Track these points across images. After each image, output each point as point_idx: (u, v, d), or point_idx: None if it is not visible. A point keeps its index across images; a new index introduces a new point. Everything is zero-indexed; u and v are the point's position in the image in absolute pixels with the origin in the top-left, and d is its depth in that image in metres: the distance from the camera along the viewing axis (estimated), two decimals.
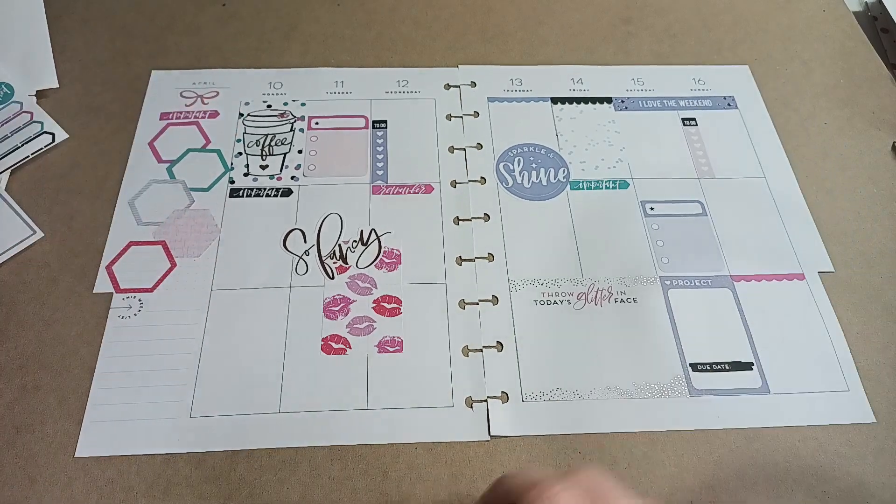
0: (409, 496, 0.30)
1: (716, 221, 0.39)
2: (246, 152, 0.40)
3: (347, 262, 0.36)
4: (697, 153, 0.42)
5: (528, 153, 0.41)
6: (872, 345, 0.35)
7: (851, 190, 0.41)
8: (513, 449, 0.31)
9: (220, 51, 0.45)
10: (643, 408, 0.33)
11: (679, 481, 0.31)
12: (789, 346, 0.35)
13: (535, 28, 0.48)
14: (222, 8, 0.48)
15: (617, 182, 0.40)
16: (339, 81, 0.44)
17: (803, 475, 0.31)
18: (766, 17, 0.50)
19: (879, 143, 0.43)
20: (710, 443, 0.32)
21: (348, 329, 0.34)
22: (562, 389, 0.33)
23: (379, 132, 0.41)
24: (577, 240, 0.38)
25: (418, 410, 0.32)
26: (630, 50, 0.47)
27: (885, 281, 0.37)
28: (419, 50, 0.46)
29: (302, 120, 0.42)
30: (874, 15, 0.51)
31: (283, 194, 0.39)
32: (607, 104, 0.44)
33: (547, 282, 0.36)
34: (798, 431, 0.32)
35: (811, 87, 0.46)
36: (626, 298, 0.36)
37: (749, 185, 0.41)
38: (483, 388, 0.33)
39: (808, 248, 0.38)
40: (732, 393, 0.33)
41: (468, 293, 0.36)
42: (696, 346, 0.34)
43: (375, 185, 0.39)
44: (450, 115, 0.42)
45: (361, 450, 0.31)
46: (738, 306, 0.36)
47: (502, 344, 0.34)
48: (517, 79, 0.44)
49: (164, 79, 0.43)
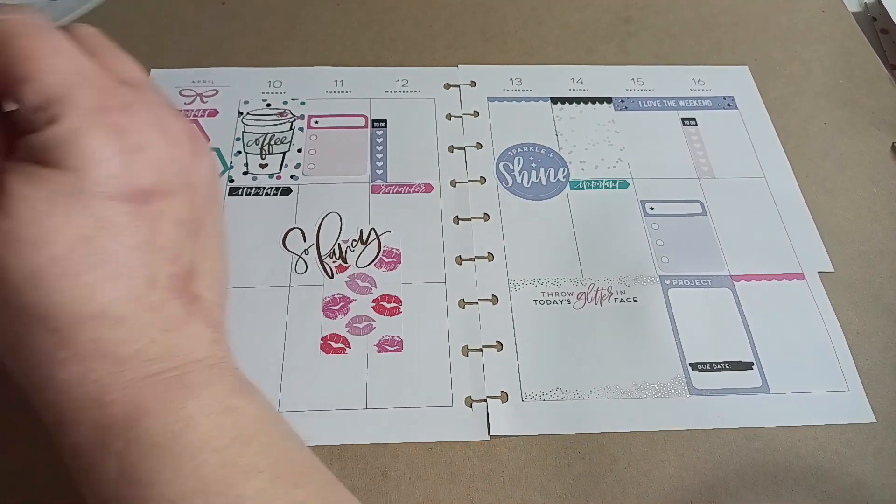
0: (408, 496, 0.30)
1: (716, 221, 0.39)
2: (245, 151, 0.40)
3: (347, 261, 0.36)
4: (697, 153, 0.42)
5: (528, 153, 0.41)
6: (872, 345, 0.35)
7: (851, 190, 0.41)
8: (512, 449, 0.31)
9: (220, 49, 0.45)
10: (643, 407, 0.33)
11: (679, 481, 0.31)
12: (789, 345, 0.35)
13: (535, 28, 0.48)
14: (222, 7, 0.48)
15: (617, 182, 0.40)
16: (338, 80, 0.44)
17: (803, 475, 0.31)
18: (766, 18, 0.50)
19: (879, 143, 0.43)
20: (710, 442, 0.32)
21: (348, 328, 0.34)
22: (561, 389, 0.33)
23: (378, 131, 0.41)
24: (577, 239, 0.38)
25: (418, 410, 0.32)
26: (630, 50, 0.47)
27: (885, 281, 0.37)
28: (419, 49, 0.46)
29: (301, 119, 0.42)
30: (873, 16, 0.51)
31: (282, 193, 0.38)
32: (607, 104, 0.44)
33: (547, 281, 0.36)
34: (798, 431, 0.32)
35: (811, 87, 0.46)
36: (626, 298, 0.36)
37: (749, 185, 0.41)
38: (483, 387, 0.33)
39: (807, 247, 0.38)
40: (732, 392, 0.33)
41: (468, 293, 0.36)
42: (696, 346, 0.34)
43: (375, 184, 0.39)
44: (449, 114, 0.42)
45: (360, 449, 0.31)
46: (738, 306, 0.36)
47: (502, 344, 0.34)
48: (517, 78, 0.44)
49: (163, 77, 0.43)
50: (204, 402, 0.22)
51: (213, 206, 0.25)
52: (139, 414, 0.21)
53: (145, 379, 0.21)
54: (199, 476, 0.20)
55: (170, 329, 0.22)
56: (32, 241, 0.20)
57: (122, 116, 0.21)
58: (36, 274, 0.20)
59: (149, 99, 0.23)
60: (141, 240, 0.22)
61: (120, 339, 0.21)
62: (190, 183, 0.24)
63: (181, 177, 0.23)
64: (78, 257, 0.20)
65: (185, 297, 0.23)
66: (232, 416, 0.22)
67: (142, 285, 0.22)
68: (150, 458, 0.20)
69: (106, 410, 0.21)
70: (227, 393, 0.23)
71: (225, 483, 0.21)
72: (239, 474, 0.21)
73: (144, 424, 0.21)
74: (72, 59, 0.21)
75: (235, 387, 0.23)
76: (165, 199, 0.22)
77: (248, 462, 0.21)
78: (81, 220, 0.20)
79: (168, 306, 0.22)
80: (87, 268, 0.21)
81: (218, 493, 0.20)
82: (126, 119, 0.22)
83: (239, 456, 0.21)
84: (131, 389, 0.21)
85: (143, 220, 0.22)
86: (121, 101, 0.22)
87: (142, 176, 0.22)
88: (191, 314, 0.23)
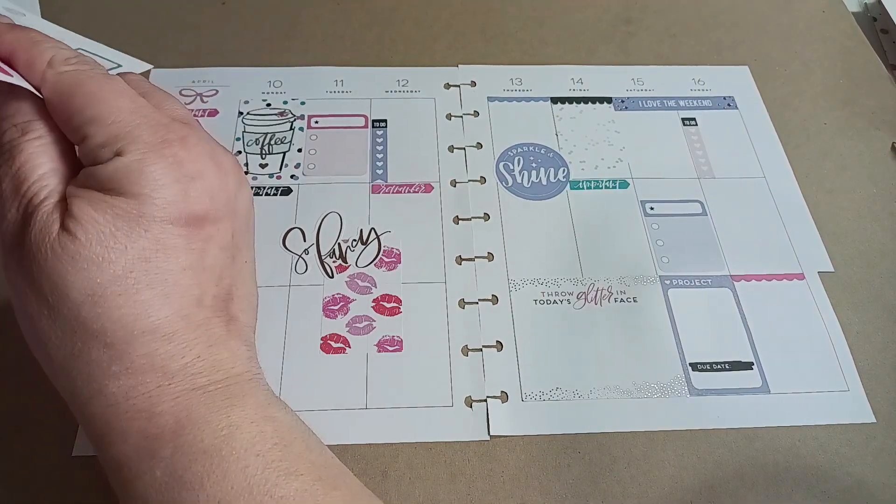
0: (408, 495, 0.30)
1: (716, 221, 0.39)
2: (245, 151, 0.40)
3: (347, 261, 0.36)
4: (697, 153, 0.42)
5: (528, 153, 0.41)
6: (872, 345, 0.35)
7: (851, 190, 0.41)
8: (512, 449, 0.31)
9: (220, 49, 0.45)
10: (643, 407, 0.33)
11: (679, 481, 0.31)
12: (789, 345, 0.35)
13: (535, 28, 0.48)
14: (222, 6, 0.48)
15: (617, 182, 0.40)
16: (338, 80, 0.44)
17: (803, 475, 0.31)
18: (766, 18, 0.50)
19: (879, 143, 0.43)
20: (710, 443, 0.32)
21: (348, 328, 0.34)
22: (562, 389, 0.33)
23: (379, 131, 0.41)
24: (577, 239, 0.38)
25: (418, 410, 0.32)
26: (630, 50, 0.47)
27: (885, 281, 0.37)
28: (419, 49, 0.46)
29: (301, 119, 0.42)
30: (873, 16, 0.51)
31: (282, 193, 0.38)
32: (607, 104, 0.44)
33: (547, 281, 0.36)
34: (798, 431, 0.32)
35: (811, 87, 0.46)
36: (626, 298, 0.36)
37: (749, 185, 0.41)
38: (483, 387, 0.33)
39: (807, 247, 0.38)
40: (732, 392, 0.33)
41: (468, 293, 0.35)
42: (696, 346, 0.34)
43: (375, 184, 0.39)
44: (450, 114, 0.42)
45: (361, 449, 0.31)
46: (738, 306, 0.36)
47: (502, 343, 0.34)
48: (517, 78, 0.44)
49: (163, 77, 0.43)
50: (246, 412, 0.23)
51: (248, 233, 0.28)
52: (188, 423, 0.22)
53: (193, 391, 0.23)
54: (245, 477, 0.22)
55: (213, 345, 0.24)
56: (97, 260, 0.22)
57: (180, 149, 0.24)
58: (97, 291, 0.22)
59: (199, 133, 0.25)
60: (192, 261, 0.24)
61: (170, 354, 0.23)
62: (234, 210, 0.26)
63: (228, 205, 0.25)
64: (136, 276, 0.22)
65: (226, 316, 0.25)
66: (272, 424, 0.24)
67: (191, 304, 0.23)
68: (200, 462, 0.22)
69: (154, 421, 0.22)
70: (265, 404, 0.24)
71: (270, 484, 0.22)
72: (281, 476, 0.22)
73: (193, 432, 0.22)
74: (132, 100, 0.24)
75: (271, 399, 0.25)
76: (214, 224, 0.24)
77: (288, 465, 0.23)
78: (142, 241, 0.22)
79: (212, 324, 0.24)
80: (144, 286, 0.22)
81: (263, 494, 0.22)
82: (183, 151, 0.24)
83: (280, 460, 0.23)
84: (180, 400, 0.23)
85: (195, 244, 0.24)
86: (177, 136, 0.24)
87: (196, 203, 0.24)
88: (230, 333, 0.25)
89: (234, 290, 0.26)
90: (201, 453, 0.22)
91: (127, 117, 0.23)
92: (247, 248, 0.27)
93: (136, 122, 0.23)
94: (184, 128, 0.25)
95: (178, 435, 0.22)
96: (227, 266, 0.25)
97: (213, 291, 0.24)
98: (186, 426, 0.22)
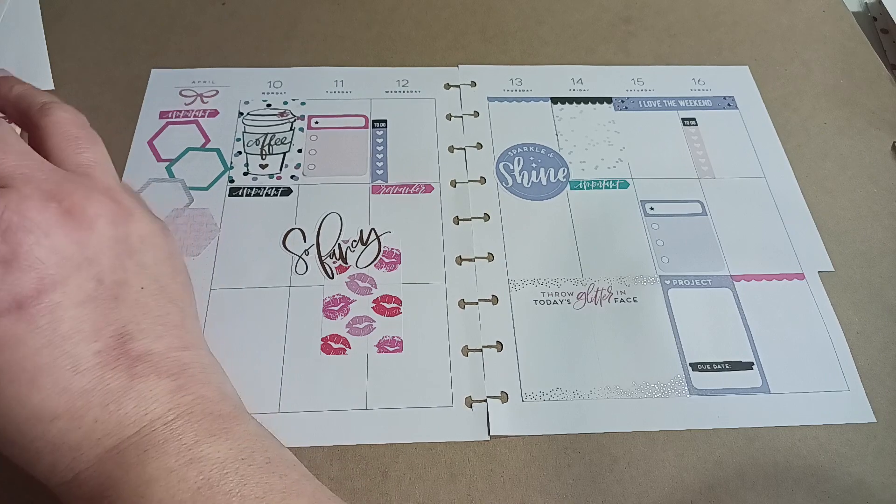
0: (408, 496, 0.30)
1: (716, 221, 0.39)
2: (245, 151, 0.40)
3: (347, 261, 0.36)
4: (697, 153, 0.42)
5: (528, 153, 0.41)
6: (872, 345, 0.35)
7: (851, 190, 0.41)
8: (512, 449, 0.31)
9: (220, 50, 0.45)
10: (643, 407, 0.33)
11: (679, 481, 0.31)
12: (789, 345, 0.35)
13: (535, 28, 0.48)
14: (222, 7, 0.48)
15: (617, 182, 0.40)
16: (338, 81, 0.44)
17: (803, 475, 0.31)
18: (766, 18, 0.50)
19: (879, 143, 0.43)
20: (710, 443, 0.32)
21: (348, 329, 0.34)
22: (561, 389, 0.33)
23: (379, 132, 0.41)
24: (577, 239, 0.38)
25: (418, 410, 0.32)
26: (630, 50, 0.47)
27: (885, 281, 0.37)
28: (419, 50, 0.46)
29: (302, 119, 0.42)
30: (874, 16, 0.51)
31: (282, 193, 0.38)
32: (607, 104, 0.44)
33: (547, 281, 0.36)
34: (798, 431, 0.32)
35: (811, 87, 0.46)
36: (626, 298, 0.36)
37: (749, 185, 0.41)
38: (483, 387, 0.33)
39: (808, 247, 0.38)
40: (732, 393, 0.33)
41: (468, 293, 0.36)
42: (697, 346, 0.34)
43: (375, 184, 0.39)
44: (450, 114, 0.42)
45: (361, 450, 0.31)
46: (738, 306, 0.36)
47: (502, 344, 0.34)
48: (517, 79, 0.44)
49: (163, 77, 0.43)
50: (165, 460, 0.23)
51: (131, 259, 0.26)
52: (108, 486, 0.22)
53: (106, 453, 0.23)
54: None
55: (112, 402, 0.23)
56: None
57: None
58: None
59: (26, 189, 0.24)
60: (45, 337, 0.23)
61: (63, 430, 0.23)
62: (86, 258, 0.24)
63: (69, 261, 0.24)
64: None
65: (126, 361, 0.24)
66: (196, 467, 0.23)
67: (65, 376, 0.23)
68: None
69: (83, 488, 0.23)
70: (192, 444, 0.23)
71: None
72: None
73: (115, 493, 0.22)
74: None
75: (204, 431, 0.24)
76: (54, 290, 0.23)
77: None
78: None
79: (105, 381, 0.23)
80: (6, 384, 0.22)
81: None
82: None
83: (206, 502, 0.22)
84: (97, 466, 0.23)
85: (40, 320, 0.23)
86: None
87: (19, 285, 0.23)
88: (135, 377, 0.24)
89: (129, 327, 0.24)
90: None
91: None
92: (137, 275, 0.26)
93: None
94: (6, 194, 0.23)
95: (102, 498, 0.22)
96: (104, 313, 0.24)
97: (93, 348, 0.23)
98: (108, 489, 0.22)
